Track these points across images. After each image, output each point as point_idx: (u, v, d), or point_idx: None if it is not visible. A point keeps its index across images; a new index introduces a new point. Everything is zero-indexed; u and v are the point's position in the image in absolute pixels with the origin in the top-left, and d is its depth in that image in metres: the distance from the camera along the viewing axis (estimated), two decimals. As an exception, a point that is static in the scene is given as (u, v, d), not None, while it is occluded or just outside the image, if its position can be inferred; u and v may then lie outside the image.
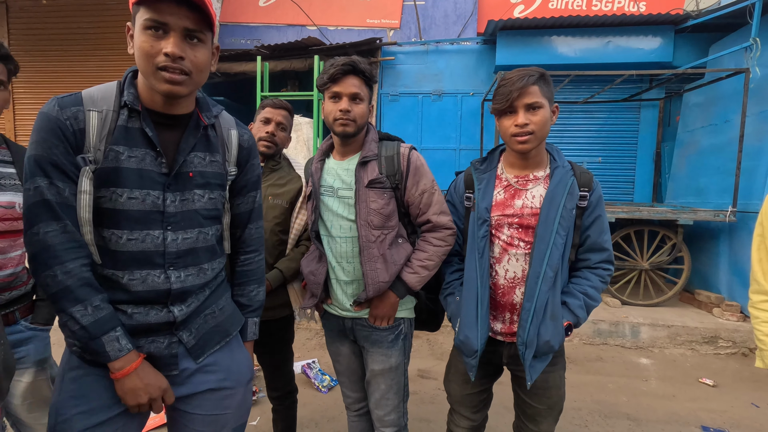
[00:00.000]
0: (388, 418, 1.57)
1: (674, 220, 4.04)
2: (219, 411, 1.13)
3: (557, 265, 1.33)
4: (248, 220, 1.23)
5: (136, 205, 0.97)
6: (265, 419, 2.48)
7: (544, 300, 1.32)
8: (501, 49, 5.18)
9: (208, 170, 1.07)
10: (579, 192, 1.37)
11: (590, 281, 1.41)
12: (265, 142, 1.74)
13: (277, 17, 6.02)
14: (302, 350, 3.60)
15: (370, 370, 1.57)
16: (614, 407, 2.77)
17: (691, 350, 3.71)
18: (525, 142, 1.32)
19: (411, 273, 1.48)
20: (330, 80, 1.41)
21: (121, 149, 0.95)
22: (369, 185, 1.45)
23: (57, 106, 0.92)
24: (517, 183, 1.43)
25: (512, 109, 1.33)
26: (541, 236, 1.33)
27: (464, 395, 1.60)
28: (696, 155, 4.79)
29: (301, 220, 1.76)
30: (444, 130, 5.68)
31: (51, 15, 5.47)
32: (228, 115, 1.18)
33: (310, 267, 1.57)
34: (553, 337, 1.32)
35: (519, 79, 1.29)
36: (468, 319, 1.42)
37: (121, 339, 0.94)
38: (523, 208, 1.39)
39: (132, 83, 1.00)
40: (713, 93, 4.62)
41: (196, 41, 0.94)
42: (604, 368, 3.37)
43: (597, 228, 1.40)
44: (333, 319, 1.61)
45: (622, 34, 4.96)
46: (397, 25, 5.83)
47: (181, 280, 1.03)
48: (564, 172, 1.38)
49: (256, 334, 1.28)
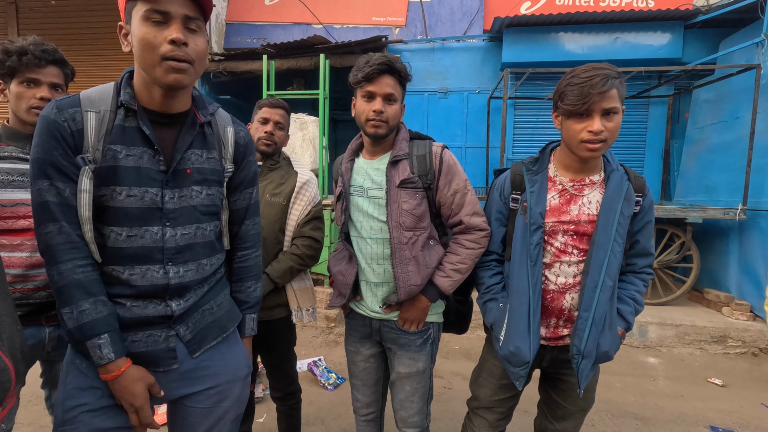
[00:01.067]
0: (411, 420, 1.56)
1: (683, 218, 3.99)
2: (216, 405, 1.15)
3: (616, 273, 1.29)
4: (245, 216, 1.24)
5: (135, 202, 0.99)
6: (271, 417, 2.49)
7: (603, 310, 1.28)
8: (507, 46, 5.14)
9: (206, 167, 1.09)
10: (635, 197, 1.32)
11: (636, 286, 1.39)
12: (264, 141, 1.75)
13: (283, 16, 6.03)
14: (308, 348, 3.62)
15: (396, 372, 1.55)
16: (622, 407, 2.75)
17: (699, 350, 3.67)
18: (597, 150, 1.23)
19: (443, 276, 1.45)
20: (365, 79, 1.37)
21: (118, 148, 0.97)
22: (401, 185, 1.41)
23: (55, 108, 0.94)
24: (573, 188, 1.35)
25: (588, 113, 1.22)
26: (599, 244, 1.27)
27: (494, 400, 1.55)
28: (706, 152, 4.73)
29: (294, 216, 1.75)
30: (450, 128, 5.66)
31: (60, 15, 5.52)
32: (224, 113, 1.19)
33: (339, 267, 1.55)
34: (612, 346, 1.31)
35: (601, 81, 1.17)
36: (518, 329, 1.35)
37: (104, 347, 0.95)
38: (579, 215, 1.32)
39: (128, 83, 1.01)
40: (723, 89, 4.56)
41: (194, 27, 0.97)
42: (612, 367, 3.34)
43: (647, 233, 1.37)
44: (359, 318, 1.58)
45: (631, 30, 4.91)
46: (403, 23, 5.82)
47: (180, 275, 1.05)
48: (620, 176, 1.32)
49: (254, 330, 1.29)
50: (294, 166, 1.86)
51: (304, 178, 1.79)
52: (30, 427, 2.38)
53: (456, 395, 2.85)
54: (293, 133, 4.68)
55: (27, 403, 2.58)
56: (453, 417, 2.57)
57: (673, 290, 4.22)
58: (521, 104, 5.44)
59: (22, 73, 1.40)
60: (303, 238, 1.76)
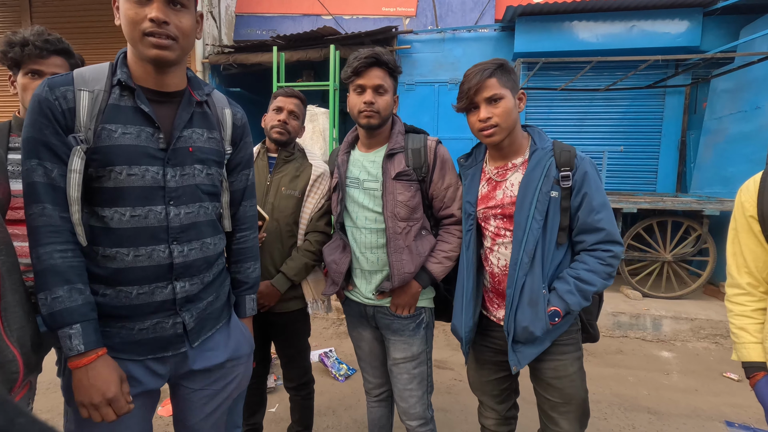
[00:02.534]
0: (413, 411, 1.58)
1: (700, 210, 3.91)
2: (218, 387, 1.18)
3: (533, 250, 1.32)
4: (242, 197, 1.25)
5: (137, 181, 0.97)
6: (283, 406, 2.52)
7: (520, 285, 1.33)
8: (520, 35, 5.06)
9: (206, 146, 1.09)
10: (559, 172, 1.32)
11: (586, 264, 1.33)
12: (277, 129, 1.74)
13: (293, 7, 6.00)
14: (319, 339, 3.64)
15: (392, 359, 1.58)
16: (634, 400, 2.73)
17: (715, 344, 3.62)
18: (492, 134, 1.33)
19: (436, 263, 1.51)
20: (354, 73, 1.43)
21: (113, 127, 0.96)
22: (396, 177, 1.47)
23: (47, 86, 0.93)
24: (497, 174, 1.43)
25: (475, 105, 1.34)
26: (518, 223, 1.33)
27: (482, 382, 1.59)
28: (724, 143, 4.62)
29: (308, 209, 1.75)
30: (461, 119, 5.45)
31: (72, 8, 5.56)
32: (220, 94, 1.20)
33: (333, 256, 1.59)
34: (532, 323, 1.30)
35: (474, 75, 1.31)
36: (456, 308, 1.49)
37: (74, 338, 0.91)
38: (503, 198, 1.39)
39: (124, 63, 1.01)
40: (743, 78, 4.43)
41: (179, 7, 0.96)
42: (625, 361, 3.31)
43: (586, 207, 1.32)
44: (354, 305, 1.63)
45: (647, 18, 4.79)
46: (413, 13, 5.75)
47: (184, 254, 1.05)
48: (543, 153, 1.35)
49: (254, 309, 1.31)
50: (309, 158, 1.84)
51: (319, 171, 1.77)
52: (49, 414, 2.44)
53: (466, 387, 2.82)
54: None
55: (45, 390, 2.64)
56: (464, 409, 2.58)
57: (689, 284, 4.16)
58: (534, 95, 5.35)
59: (26, 65, 1.39)
60: (316, 233, 1.75)
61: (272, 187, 1.75)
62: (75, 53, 1.52)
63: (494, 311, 1.48)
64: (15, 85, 1.44)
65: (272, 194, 1.73)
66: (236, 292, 1.29)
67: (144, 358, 1.04)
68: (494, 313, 1.48)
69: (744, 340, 1.24)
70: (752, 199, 1.19)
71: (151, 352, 1.05)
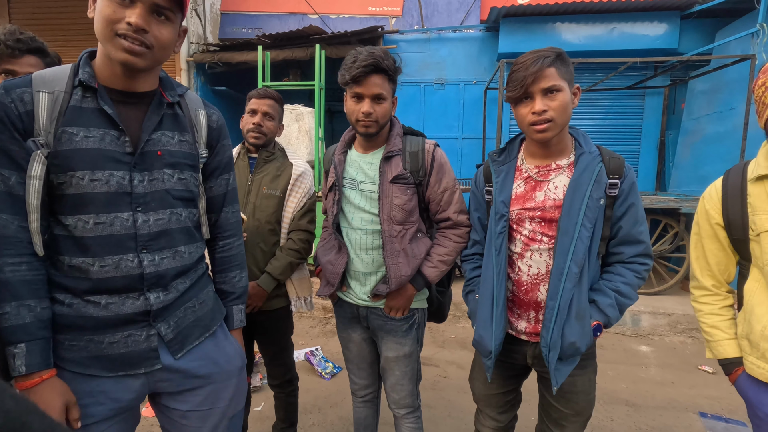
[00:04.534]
0: (403, 401, 1.63)
1: (677, 208, 4.03)
2: (211, 405, 1.10)
3: (583, 260, 1.21)
4: (223, 203, 1.19)
5: (100, 186, 0.92)
6: (269, 405, 2.53)
7: (568, 298, 1.21)
8: (504, 36, 5.13)
9: (178, 150, 1.03)
10: (608, 180, 1.24)
11: (624, 277, 1.27)
12: (253, 133, 1.75)
13: (279, 6, 5.98)
14: (306, 338, 3.66)
15: (384, 357, 1.60)
16: (613, 394, 2.80)
17: (691, 338, 3.73)
18: (545, 130, 1.21)
19: (431, 267, 1.51)
20: (352, 80, 1.36)
21: (74, 130, 0.90)
22: (393, 180, 1.45)
23: (2, 89, 0.87)
24: (538, 174, 1.31)
25: (528, 95, 1.21)
26: (564, 229, 1.22)
27: (488, 395, 1.53)
28: (701, 143, 4.76)
29: (290, 208, 1.77)
30: (446, 118, 5.66)
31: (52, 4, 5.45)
32: (194, 95, 1.15)
33: (328, 257, 1.57)
34: (580, 338, 1.22)
35: (533, 62, 1.17)
36: (483, 318, 1.35)
37: (17, 358, 0.86)
38: (545, 201, 1.28)
39: (87, 63, 0.95)
40: (719, 80, 4.57)
41: (163, 18, 0.92)
42: (604, 356, 3.40)
43: (630, 218, 1.26)
44: (347, 306, 1.62)
45: (628, 20, 4.91)
46: (399, 13, 5.78)
47: (155, 263, 0.99)
48: (591, 158, 1.25)
49: (243, 321, 1.25)
50: (289, 157, 1.86)
51: (299, 170, 1.80)
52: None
53: (451, 383, 2.90)
54: (289, 124, 4.67)
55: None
56: (448, 405, 2.62)
57: (667, 280, 4.28)
58: (518, 95, 5.42)
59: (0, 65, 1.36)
60: (299, 231, 1.77)
61: (253, 187, 1.76)
62: (50, 52, 1.48)
63: (514, 322, 1.37)
64: None
65: (254, 194, 1.75)
66: (223, 303, 1.21)
67: (114, 375, 0.97)
68: (514, 325, 1.38)
69: (718, 338, 1.25)
70: (717, 207, 1.21)
71: (122, 369, 0.97)
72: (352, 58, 1.37)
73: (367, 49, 1.37)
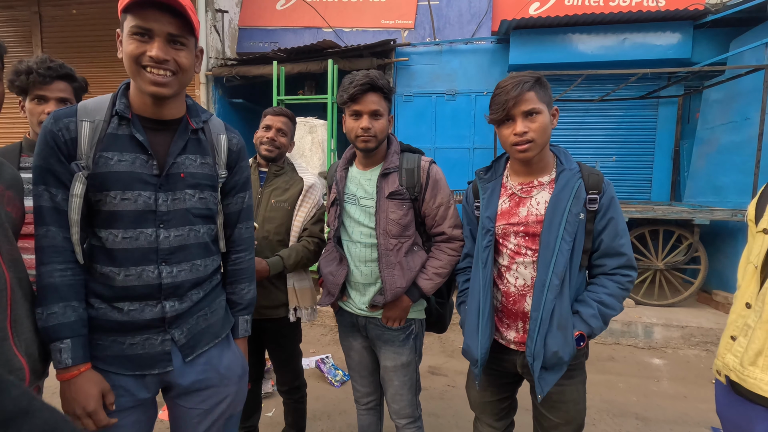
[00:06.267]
0: (403, 412, 1.68)
1: (690, 219, 3.99)
2: (215, 406, 1.21)
3: (563, 272, 1.28)
4: (238, 219, 1.29)
5: (129, 205, 1.04)
6: (280, 411, 2.58)
7: (550, 309, 1.28)
8: (515, 48, 5.18)
9: (199, 172, 1.14)
10: (587, 195, 1.31)
11: (607, 288, 1.33)
12: (266, 146, 1.86)
13: (294, 20, 6.15)
14: (317, 345, 3.72)
15: (382, 367, 1.67)
16: (623, 407, 2.78)
17: (705, 351, 3.67)
18: (526, 150, 1.29)
19: (426, 279, 1.57)
20: (350, 99, 1.46)
21: (110, 155, 1.03)
22: (389, 196, 1.52)
23: (52, 119, 1.02)
24: (521, 191, 1.40)
25: (510, 118, 1.30)
26: (545, 243, 1.29)
27: (483, 402, 1.58)
28: (716, 153, 4.70)
29: (300, 218, 1.86)
30: (458, 129, 5.70)
31: (81, 23, 5.72)
32: (217, 120, 1.25)
33: (330, 268, 1.65)
34: (562, 347, 1.27)
35: (514, 87, 1.26)
36: (469, 328, 1.42)
37: (63, 352, 0.99)
38: (527, 216, 1.36)
39: (125, 94, 1.08)
40: (733, 90, 4.53)
41: (179, 45, 1.03)
42: (616, 368, 3.37)
43: (611, 231, 1.33)
44: (347, 315, 1.69)
45: (640, 31, 4.90)
46: (412, 26, 5.88)
47: (173, 275, 1.09)
48: (570, 175, 1.33)
49: (248, 331, 1.34)
50: (299, 171, 1.96)
51: (309, 183, 1.90)
52: (55, 418, 2.53)
53: (458, 393, 2.92)
54: (303, 136, 4.79)
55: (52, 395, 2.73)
56: (455, 414, 2.64)
57: (681, 291, 4.22)
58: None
59: (32, 91, 1.51)
60: (312, 237, 1.87)
61: (263, 200, 1.85)
62: (78, 76, 1.62)
63: (504, 332, 1.44)
64: (24, 109, 1.56)
65: (263, 207, 1.84)
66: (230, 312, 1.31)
67: (132, 374, 1.09)
68: (504, 335, 1.44)
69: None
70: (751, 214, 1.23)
71: (139, 368, 1.09)
72: (350, 80, 1.47)
73: (363, 72, 1.48)
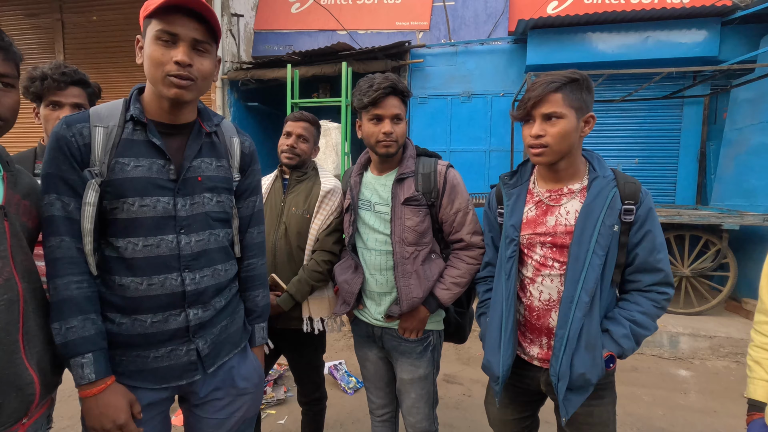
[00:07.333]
0: (420, 426, 1.61)
1: (719, 224, 3.82)
2: (228, 415, 1.20)
3: (594, 288, 1.18)
4: (249, 224, 1.27)
5: (149, 212, 1.01)
6: (292, 419, 2.56)
7: (578, 327, 1.18)
8: (532, 48, 5.06)
9: (216, 175, 1.12)
10: (623, 205, 1.20)
11: (640, 306, 1.22)
12: (286, 153, 1.80)
13: (309, 23, 6.15)
14: (330, 352, 3.68)
15: (399, 379, 1.60)
16: (648, 421, 2.66)
17: (735, 363, 3.50)
18: (539, 154, 1.22)
19: (444, 289, 1.50)
20: (371, 103, 1.41)
21: (126, 161, 1.00)
22: (405, 202, 1.47)
23: (64, 124, 0.98)
24: (550, 198, 1.30)
25: (531, 118, 1.22)
26: (575, 256, 1.20)
27: (503, 420, 1.50)
28: (745, 155, 4.50)
29: (315, 227, 1.74)
30: (474, 131, 5.61)
31: (101, 30, 5.85)
32: (229, 124, 1.24)
33: (345, 276, 1.60)
34: (590, 369, 1.17)
35: (540, 86, 1.18)
36: (491, 343, 1.34)
37: (86, 367, 0.95)
38: (556, 226, 1.26)
39: (137, 99, 1.06)
40: (764, 88, 4.32)
41: (203, 52, 1.01)
42: (639, 379, 3.24)
43: (647, 245, 1.21)
44: (363, 325, 1.64)
45: (663, 28, 4.73)
46: (427, 27, 5.82)
47: (196, 281, 1.07)
48: (604, 183, 1.22)
49: (264, 338, 1.33)
50: (320, 175, 1.85)
51: (327, 187, 1.77)
52: (70, 421, 2.55)
53: (475, 403, 2.84)
54: (317, 139, 4.77)
55: (67, 398, 2.75)
56: (471, 425, 2.57)
57: (708, 300, 4.04)
58: (547, 106, 5.32)
59: (47, 97, 1.51)
60: (323, 252, 1.73)
61: (285, 207, 1.78)
62: (92, 82, 1.62)
63: (527, 347, 1.35)
64: (38, 116, 1.55)
65: (285, 214, 1.77)
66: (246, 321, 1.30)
67: (159, 387, 1.07)
68: (526, 350, 1.35)
69: (755, 375, 1.17)
70: None
71: (165, 381, 1.07)
72: (368, 83, 1.42)
73: (381, 75, 1.43)
